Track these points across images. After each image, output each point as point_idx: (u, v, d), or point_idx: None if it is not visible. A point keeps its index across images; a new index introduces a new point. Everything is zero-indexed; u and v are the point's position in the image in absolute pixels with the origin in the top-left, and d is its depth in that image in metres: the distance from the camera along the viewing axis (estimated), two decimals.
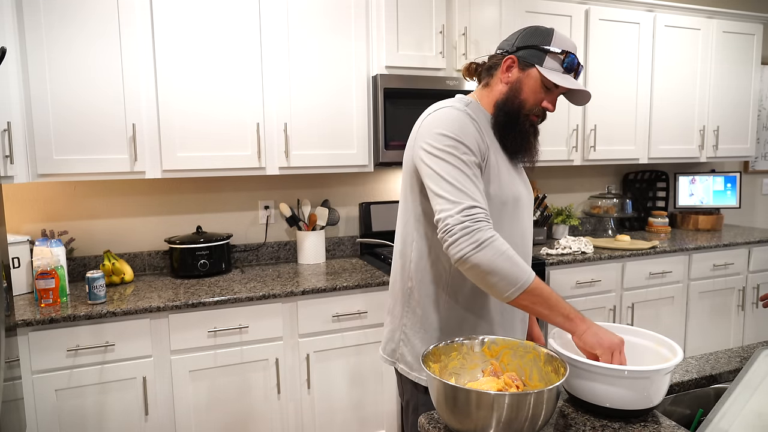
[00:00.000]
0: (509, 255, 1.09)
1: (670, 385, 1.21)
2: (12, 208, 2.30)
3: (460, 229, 1.09)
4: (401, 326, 1.34)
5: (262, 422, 2.16)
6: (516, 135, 1.26)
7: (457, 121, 1.19)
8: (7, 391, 1.48)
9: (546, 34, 1.23)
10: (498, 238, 1.10)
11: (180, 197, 2.57)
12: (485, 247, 1.08)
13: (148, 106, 2.15)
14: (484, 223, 1.11)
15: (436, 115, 1.23)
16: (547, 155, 2.89)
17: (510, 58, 1.25)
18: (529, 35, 1.25)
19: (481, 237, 1.09)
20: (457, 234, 1.09)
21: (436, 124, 1.20)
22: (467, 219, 1.10)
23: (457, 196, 1.12)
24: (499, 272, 1.08)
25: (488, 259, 1.08)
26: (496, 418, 0.88)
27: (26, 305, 1.97)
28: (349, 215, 2.88)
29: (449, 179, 1.14)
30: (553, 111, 1.28)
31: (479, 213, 1.11)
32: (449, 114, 1.21)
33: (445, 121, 1.20)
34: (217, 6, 2.20)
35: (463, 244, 1.09)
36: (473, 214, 1.10)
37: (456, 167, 1.15)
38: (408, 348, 1.32)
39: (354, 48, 2.43)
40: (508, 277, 1.08)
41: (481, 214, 1.11)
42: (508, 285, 1.08)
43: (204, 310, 2.04)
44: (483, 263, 1.08)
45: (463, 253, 1.09)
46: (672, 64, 3.14)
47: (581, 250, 2.77)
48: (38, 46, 1.97)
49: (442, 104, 1.27)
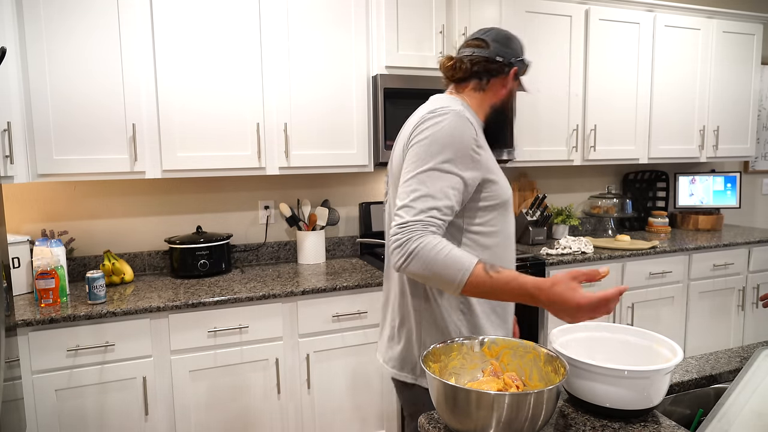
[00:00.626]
0: (438, 259, 1.08)
1: (670, 385, 1.21)
2: (12, 208, 2.30)
3: (394, 242, 1.12)
4: (396, 330, 1.32)
5: (262, 422, 2.16)
6: (507, 133, 1.35)
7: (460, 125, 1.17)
8: (7, 391, 1.48)
9: (520, 42, 1.35)
10: (426, 244, 1.09)
11: (180, 197, 2.57)
12: (414, 257, 1.10)
13: (148, 106, 2.15)
14: (416, 233, 1.11)
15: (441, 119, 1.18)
16: (547, 155, 2.89)
17: (515, 69, 1.34)
18: (508, 41, 1.33)
19: (409, 248, 1.10)
20: (392, 247, 1.13)
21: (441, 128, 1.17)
22: (400, 231, 1.12)
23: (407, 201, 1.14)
24: (433, 277, 1.10)
25: (419, 268, 1.10)
26: (496, 418, 0.88)
27: (26, 305, 1.97)
28: (349, 215, 2.88)
29: (411, 182, 1.16)
30: None
31: (417, 223, 1.12)
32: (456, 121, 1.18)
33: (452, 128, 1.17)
34: (217, 7, 2.20)
35: (396, 257, 1.12)
36: (408, 224, 1.12)
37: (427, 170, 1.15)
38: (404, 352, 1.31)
39: (354, 48, 2.43)
40: (443, 279, 1.10)
41: (417, 226, 1.11)
42: (447, 287, 1.11)
43: (204, 310, 2.04)
44: (417, 272, 1.11)
45: (398, 266, 1.12)
46: (672, 64, 3.14)
47: (581, 250, 2.77)
48: (38, 39, 1.97)
49: (440, 103, 1.23)
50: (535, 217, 2.96)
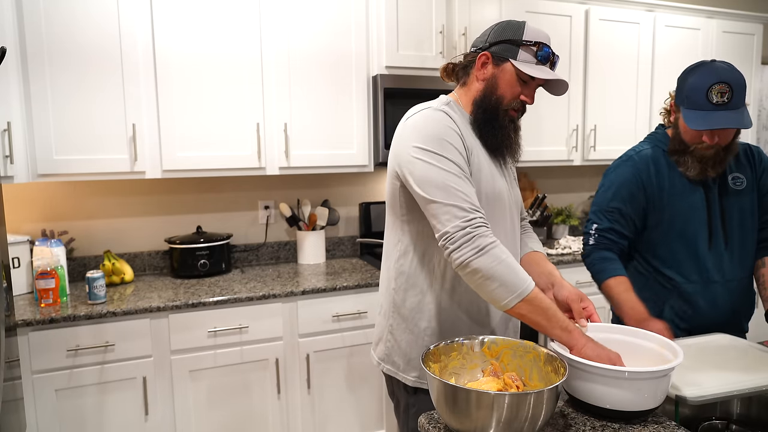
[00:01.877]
0: (509, 263, 1.09)
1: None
2: (12, 208, 2.30)
3: (462, 235, 1.09)
4: (388, 327, 1.35)
5: (262, 422, 2.16)
6: (496, 131, 1.25)
7: (438, 121, 1.19)
8: (7, 391, 1.48)
9: (517, 27, 1.23)
10: (498, 244, 1.10)
11: (180, 197, 2.57)
12: (485, 253, 1.08)
13: (148, 106, 2.15)
14: (484, 228, 1.11)
15: (416, 118, 1.22)
16: (547, 155, 2.89)
17: (484, 55, 1.24)
18: (501, 30, 1.24)
19: (482, 243, 1.08)
20: (458, 240, 1.09)
21: (418, 128, 1.20)
22: (468, 225, 1.10)
23: (452, 199, 1.12)
24: (497, 279, 1.07)
25: (487, 265, 1.07)
26: (496, 418, 0.88)
27: (26, 305, 1.97)
28: (349, 215, 2.88)
29: (440, 184, 1.13)
30: (532, 104, 1.27)
31: (478, 218, 1.11)
32: (429, 115, 1.21)
33: (426, 122, 1.20)
34: (217, 6, 2.20)
35: (464, 250, 1.09)
36: (472, 219, 1.10)
37: (444, 170, 1.14)
38: (395, 349, 1.33)
39: (354, 47, 2.43)
40: (506, 284, 1.07)
41: (479, 219, 1.11)
42: (507, 292, 1.08)
43: (204, 310, 2.04)
44: (482, 269, 1.08)
45: (463, 259, 1.09)
46: (672, 64, 3.13)
47: (581, 250, 2.77)
48: (38, 44, 1.97)
49: (420, 107, 1.26)
50: (535, 217, 2.96)
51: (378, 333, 1.40)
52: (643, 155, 1.53)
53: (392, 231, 1.33)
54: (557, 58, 1.26)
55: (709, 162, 1.44)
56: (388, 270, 1.35)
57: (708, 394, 1.06)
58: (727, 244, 1.50)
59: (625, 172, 1.52)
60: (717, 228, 1.49)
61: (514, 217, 1.35)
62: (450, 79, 1.37)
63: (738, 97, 1.35)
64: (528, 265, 1.40)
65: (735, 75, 1.36)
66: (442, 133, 1.17)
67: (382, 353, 1.37)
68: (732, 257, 1.50)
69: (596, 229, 1.55)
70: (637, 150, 1.56)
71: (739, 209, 1.51)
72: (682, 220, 1.49)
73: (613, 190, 1.53)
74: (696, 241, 1.49)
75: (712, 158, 1.44)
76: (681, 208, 1.49)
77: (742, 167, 1.54)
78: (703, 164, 1.45)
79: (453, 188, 1.13)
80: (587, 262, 1.58)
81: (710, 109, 1.35)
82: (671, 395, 1.06)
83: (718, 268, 1.49)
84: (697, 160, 1.45)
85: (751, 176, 1.53)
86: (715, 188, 1.50)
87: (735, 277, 1.50)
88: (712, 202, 1.49)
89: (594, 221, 1.56)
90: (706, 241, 1.49)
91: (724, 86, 1.34)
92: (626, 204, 1.51)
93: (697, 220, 1.49)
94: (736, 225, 1.50)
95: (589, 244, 1.57)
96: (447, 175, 1.14)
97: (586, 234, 1.59)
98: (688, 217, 1.49)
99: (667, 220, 1.50)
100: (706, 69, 1.38)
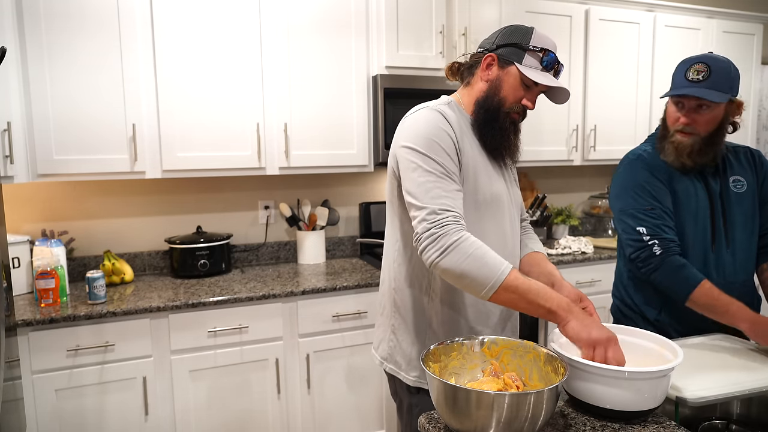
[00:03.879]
0: (477, 255, 1.08)
1: None
2: (12, 208, 2.30)
3: (427, 236, 1.11)
4: (390, 327, 1.35)
5: (262, 422, 2.16)
6: (496, 132, 1.26)
7: (430, 121, 1.20)
8: (7, 391, 1.48)
9: (525, 32, 1.24)
10: (465, 239, 1.10)
11: (180, 197, 2.57)
12: (451, 251, 1.08)
13: (148, 106, 2.15)
14: (451, 226, 1.10)
15: (411, 118, 1.25)
16: (547, 155, 2.89)
17: (489, 56, 1.26)
18: (508, 34, 1.25)
19: (446, 242, 1.09)
20: (424, 241, 1.11)
21: (410, 127, 1.22)
22: (433, 225, 1.11)
23: (425, 200, 1.13)
24: (467, 275, 1.08)
25: (454, 263, 1.08)
26: (496, 418, 0.88)
27: (26, 305, 1.97)
28: (349, 215, 2.88)
29: (419, 184, 1.15)
30: (533, 109, 1.28)
31: (446, 216, 1.11)
32: (422, 116, 1.22)
33: (418, 123, 1.21)
34: (217, 7, 2.20)
35: (430, 251, 1.10)
36: (438, 219, 1.11)
37: (426, 170, 1.16)
38: (397, 348, 1.33)
39: (354, 48, 2.43)
40: (477, 278, 1.08)
41: (448, 218, 1.11)
42: (480, 286, 1.09)
43: (204, 310, 2.04)
44: (451, 267, 1.09)
45: (431, 260, 1.11)
46: (672, 64, 3.12)
47: (581, 250, 2.77)
48: (38, 40, 1.97)
49: (419, 107, 1.28)
50: (535, 217, 2.96)
51: (380, 333, 1.40)
52: (651, 154, 1.52)
53: (392, 230, 1.34)
54: (561, 66, 1.27)
55: (685, 151, 1.44)
56: (389, 270, 1.35)
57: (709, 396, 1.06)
58: (728, 246, 1.49)
59: (640, 168, 1.50)
60: (719, 229, 1.49)
61: (513, 217, 1.35)
62: (454, 78, 1.38)
63: (716, 79, 1.37)
64: (528, 265, 1.40)
65: (718, 60, 1.39)
66: (431, 134, 1.18)
67: (384, 353, 1.37)
68: (734, 259, 1.49)
69: (651, 234, 1.42)
70: (642, 149, 1.56)
71: (741, 212, 1.50)
72: (687, 222, 1.48)
73: (638, 189, 1.48)
74: (700, 242, 1.48)
75: (689, 147, 1.44)
76: (686, 209, 1.48)
77: (743, 170, 1.53)
78: (678, 152, 1.45)
79: (430, 189, 1.14)
80: (659, 274, 1.42)
81: (684, 85, 1.40)
82: (672, 396, 1.06)
83: (721, 270, 1.48)
84: (674, 147, 1.46)
85: (752, 179, 1.53)
86: (717, 190, 1.50)
87: (737, 279, 1.49)
88: (714, 204, 1.49)
89: (635, 225, 1.45)
90: (709, 242, 1.48)
91: (702, 65, 1.38)
92: (657, 200, 1.47)
93: (701, 222, 1.48)
94: (739, 227, 1.50)
95: (656, 254, 1.41)
96: (428, 175, 1.15)
97: (636, 242, 1.45)
98: (692, 218, 1.48)
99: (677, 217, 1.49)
100: (692, 56, 1.44)
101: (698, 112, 1.41)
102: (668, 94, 1.43)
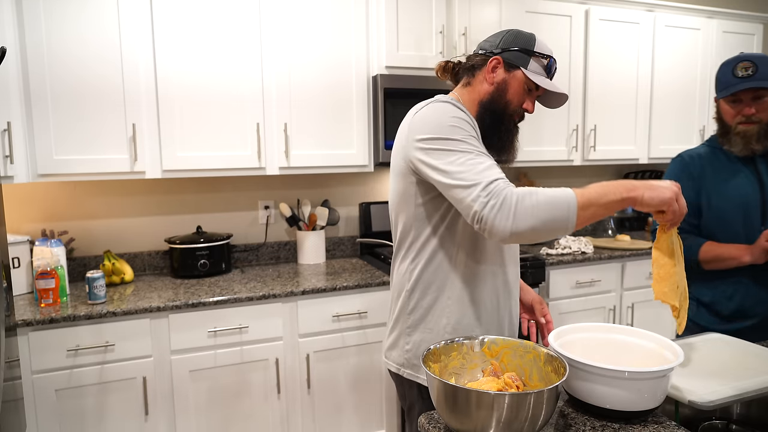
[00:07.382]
0: (541, 200, 1.06)
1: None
2: (12, 208, 2.30)
3: (489, 210, 1.07)
4: (405, 330, 1.33)
5: (262, 422, 2.16)
6: (501, 134, 1.28)
7: (447, 111, 1.20)
8: (7, 391, 1.48)
9: (530, 38, 1.27)
10: (522, 195, 1.07)
11: (180, 197, 2.57)
12: (515, 212, 1.06)
13: (149, 106, 2.15)
14: (505, 191, 1.08)
15: (422, 114, 1.22)
16: (547, 155, 2.89)
17: (495, 59, 1.27)
18: (513, 38, 1.27)
19: (508, 206, 1.06)
20: (488, 215, 1.07)
21: (426, 121, 1.20)
22: (489, 197, 1.07)
23: (472, 178, 1.10)
24: (546, 222, 1.06)
25: (525, 220, 1.06)
26: (496, 418, 0.88)
27: (26, 305, 1.97)
28: (349, 215, 2.88)
29: (458, 165, 1.12)
30: (532, 112, 1.31)
31: (496, 185, 1.09)
32: (437, 108, 1.21)
33: (436, 114, 1.20)
34: (217, 7, 2.20)
35: (500, 224, 1.07)
36: (491, 191, 1.08)
37: (460, 152, 1.14)
38: (413, 351, 1.32)
39: (354, 48, 2.43)
40: (556, 219, 1.06)
41: (498, 185, 1.09)
42: (561, 224, 1.06)
43: (204, 310, 2.04)
44: (527, 228, 1.06)
45: (506, 229, 1.07)
46: (672, 64, 3.14)
47: (581, 249, 2.77)
48: (38, 39, 1.97)
49: (426, 102, 1.27)
50: None
51: (392, 338, 1.37)
52: (693, 152, 1.69)
53: (403, 232, 1.32)
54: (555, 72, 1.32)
55: (753, 137, 1.56)
56: (402, 273, 1.33)
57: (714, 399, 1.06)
58: None
59: (675, 168, 1.70)
60: None
61: None
62: (445, 77, 1.39)
63: (764, 70, 1.50)
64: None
65: (760, 55, 1.52)
66: (453, 121, 1.18)
67: (401, 358, 1.33)
68: None
69: None
70: (691, 149, 1.72)
71: None
72: (738, 204, 1.59)
73: None
74: (752, 221, 1.58)
75: (756, 134, 1.55)
76: (736, 192, 1.60)
77: None
78: (747, 139, 1.57)
79: (472, 167, 1.11)
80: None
81: (735, 83, 1.53)
82: (683, 400, 1.06)
83: None
84: (740, 137, 1.57)
85: None
86: (765, 170, 1.60)
87: None
88: (764, 184, 1.60)
89: None
90: (759, 220, 1.58)
91: (748, 63, 1.51)
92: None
93: (752, 202, 1.59)
94: None
95: None
96: (463, 156, 1.13)
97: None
98: (743, 200, 1.59)
99: (721, 205, 1.61)
100: (732, 57, 1.57)
101: (758, 102, 1.54)
102: (729, 92, 1.53)
